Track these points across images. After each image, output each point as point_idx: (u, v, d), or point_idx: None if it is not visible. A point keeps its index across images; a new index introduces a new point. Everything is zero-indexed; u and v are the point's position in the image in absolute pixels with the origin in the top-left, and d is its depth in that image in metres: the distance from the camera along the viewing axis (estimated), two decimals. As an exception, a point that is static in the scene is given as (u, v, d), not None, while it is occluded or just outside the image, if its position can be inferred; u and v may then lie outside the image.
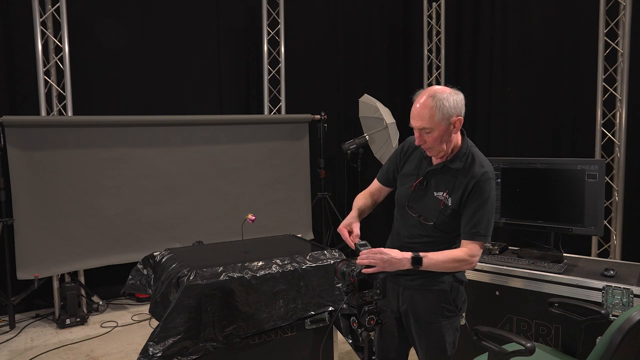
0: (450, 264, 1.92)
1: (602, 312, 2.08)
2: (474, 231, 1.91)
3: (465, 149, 1.99)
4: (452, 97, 1.88)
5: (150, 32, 4.81)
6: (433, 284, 2.01)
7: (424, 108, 1.88)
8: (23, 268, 4.01)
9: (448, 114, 1.87)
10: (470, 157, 1.97)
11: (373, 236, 6.13)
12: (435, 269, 1.93)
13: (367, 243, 1.95)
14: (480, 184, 1.91)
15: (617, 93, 4.26)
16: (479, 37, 5.60)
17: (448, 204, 1.96)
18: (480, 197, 1.91)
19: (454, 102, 1.88)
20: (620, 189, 4.27)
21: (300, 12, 5.54)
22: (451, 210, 1.95)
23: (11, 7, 4.23)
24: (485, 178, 1.92)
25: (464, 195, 1.93)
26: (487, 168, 1.95)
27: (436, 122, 1.87)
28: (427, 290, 2.02)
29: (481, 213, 1.91)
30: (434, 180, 2.02)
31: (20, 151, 3.97)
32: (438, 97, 1.86)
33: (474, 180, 1.92)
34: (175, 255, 2.77)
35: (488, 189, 1.92)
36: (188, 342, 2.33)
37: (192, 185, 4.73)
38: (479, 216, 1.91)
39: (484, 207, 1.91)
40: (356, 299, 1.86)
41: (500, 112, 5.32)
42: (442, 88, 1.91)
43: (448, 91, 1.89)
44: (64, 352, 3.63)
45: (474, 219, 1.91)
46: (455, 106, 1.88)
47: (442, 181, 1.99)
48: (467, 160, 1.96)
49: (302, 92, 5.58)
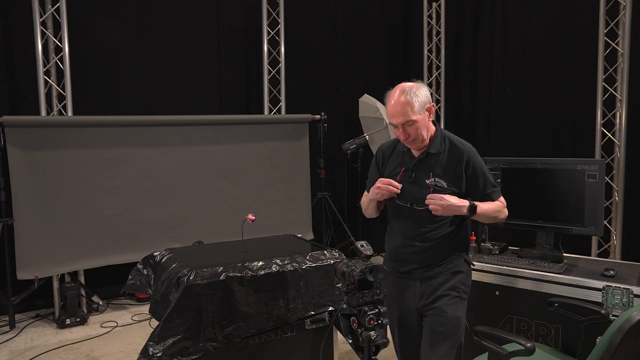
0: (497, 212, 2.14)
1: (602, 312, 2.09)
2: (494, 189, 2.15)
3: (440, 134, 2.16)
4: (421, 89, 2.06)
5: (150, 32, 4.81)
6: (450, 268, 2.15)
7: (402, 104, 2.02)
8: (23, 268, 4.01)
9: (423, 102, 2.05)
10: (447, 140, 2.16)
11: (373, 236, 6.13)
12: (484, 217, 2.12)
13: (367, 243, 1.96)
14: (471, 156, 2.12)
15: (617, 93, 4.26)
16: (479, 37, 5.60)
17: (441, 186, 2.09)
18: (479, 165, 2.13)
19: (424, 92, 2.07)
20: (620, 189, 4.27)
21: (300, 12, 5.54)
22: (450, 192, 2.07)
23: (11, 7, 4.23)
24: (472, 150, 2.15)
25: (460, 172, 2.10)
26: (467, 144, 2.16)
27: (416, 112, 2.03)
28: (445, 274, 2.15)
29: (487, 175, 2.15)
30: (421, 169, 2.15)
31: (20, 151, 3.97)
32: (411, 91, 2.03)
33: (465, 156, 2.10)
34: (175, 255, 2.77)
35: (478, 159, 2.14)
36: (188, 342, 2.33)
37: (192, 185, 4.73)
38: (488, 178, 2.14)
39: (485, 170, 2.15)
40: (356, 299, 1.86)
41: (500, 112, 5.32)
42: (407, 84, 2.08)
43: (415, 84, 2.08)
44: (64, 352, 3.63)
45: (487, 182, 2.13)
46: (427, 95, 2.08)
47: (426, 168, 2.14)
48: (446, 143, 2.14)
49: (302, 92, 5.58)
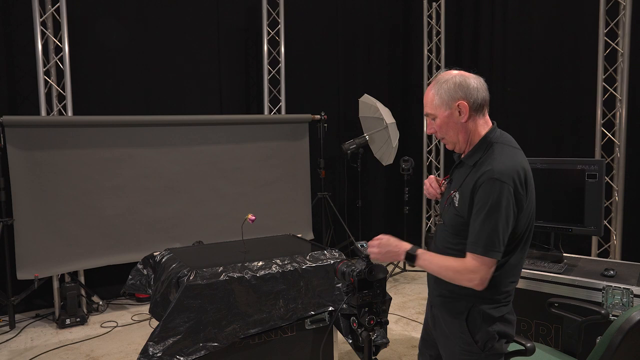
0: (444, 271, 1.70)
1: (602, 312, 2.08)
2: (471, 241, 1.65)
3: (485, 142, 1.74)
4: (454, 80, 1.72)
5: (150, 32, 4.81)
6: (449, 303, 1.79)
7: (428, 93, 1.77)
8: (23, 268, 4.01)
9: (448, 98, 1.72)
10: (491, 153, 1.70)
11: (373, 236, 6.12)
12: (430, 271, 1.77)
13: (367, 243, 1.95)
14: (481, 184, 1.63)
15: (617, 93, 4.26)
16: (479, 37, 5.60)
17: (453, 203, 1.75)
18: (481, 201, 1.63)
19: (454, 86, 1.71)
20: (620, 189, 4.27)
21: (300, 12, 5.54)
22: (456, 211, 1.73)
23: (11, 7, 4.23)
24: (486, 178, 1.62)
25: (469, 197, 1.68)
26: (497, 167, 1.62)
27: (435, 107, 1.75)
28: (445, 310, 1.81)
29: (480, 221, 1.62)
30: (455, 178, 1.83)
31: (20, 151, 3.97)
32: (440, 81, 1.75)
33: (480, 179, 1.64)
34: (175, 255, 2.77)
35: (490, 192, 1.61)
36: (188, 342, 2.33)
37: (192, 185, 4.73)
38: (479, 225, 1.62)
39: (482, 213, 1.62)
40: (356, 299, 1.86)
41: (501, 112, 5.32)
42: (450, 72, 1.76)
43: (454, 74, 1.75)
44: (64, 352, 3.63)
45: (474, 228, 1.64)
46: (457, 89, 1.71)
47: (458, 178, 1.79)
48: (484, 156, 1.70)
49: (302, 92, 5.58)
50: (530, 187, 1.71)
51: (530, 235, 1.76)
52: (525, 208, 1.67)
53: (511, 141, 1.79)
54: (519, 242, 1.71)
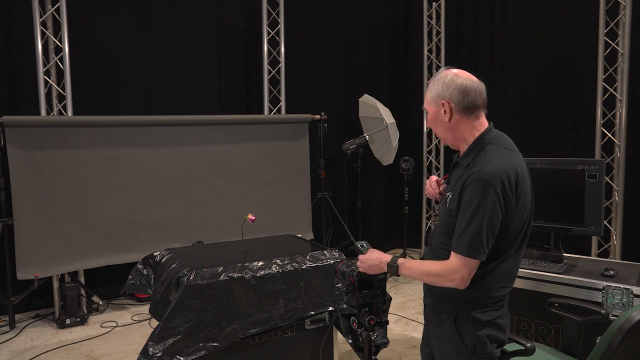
0: (426, 277, 1.70)
1: (602, 312, 2.08)
2: (456, 241, 1.64)
3: (480, 143, 1.72)
4: (445, 79, 1.73)
5: (150, 32, 4.81)
6: (440, 305, 1.79)
7: (428, 87, 1.82)
8: (23, 268, 4.01)
9: (436, 95, 1.74)
10: (482, 152, 1.69)
11: (373, 236, 6.13)
12: (415, 279, 1.77)
13: (367, 243, 1.96)
14: (469, 185, 1.63)
15: (617, 93, 4.26)
16: (479, 37, 5.60)
17: (446, 204, 1.75)
18: (467, 202, 1.63)
19: (442, 84, 1.72)
20: (620, 189, 4.27)
21: (300, 12, 5.54)
22: (447, 211, 1.72)
23: (11, 7, 4.23)
24: (473, 179, 1.62)
25: (458, 197, 1.68)
26: (485, 168, 1.62)
27: (427, 102, 1.79)
28: (436, 312, 1.82)
29: (465, 222, 1.62)
30: (451, 177, 1.83)
31: (20, 151, 3.97)
32: (435, 78, 1.78)
33: (469, 179, 1.64)
34: (175, 255, 2.77)
35: (475, 192, 1.60)
36: (188, 342, 2.33)
37: (192, 185, 4.73)
38: (463, 225, 1.62)
39: (467, 213, 1.62)
40: (356, 299, 1.86)
41: (500, 112, 5.32)
42: (447, 70, 1.77)
43: (452, 73, 1.75)
44: (64, 352, 3.63)
45: (459, 228, 1.64)
46: (444, 89, 1.72)
47: (454, 178, 1.79)
48: (477, 157, 1.69)
49: (302, 92, 5.58)
50: (524, 190, 1.68)
51: (525, 240, 1.74)
52: (516, 211, 1.65)
53: (507, 143, 1.77)
54: (511, 246, 1.69)
